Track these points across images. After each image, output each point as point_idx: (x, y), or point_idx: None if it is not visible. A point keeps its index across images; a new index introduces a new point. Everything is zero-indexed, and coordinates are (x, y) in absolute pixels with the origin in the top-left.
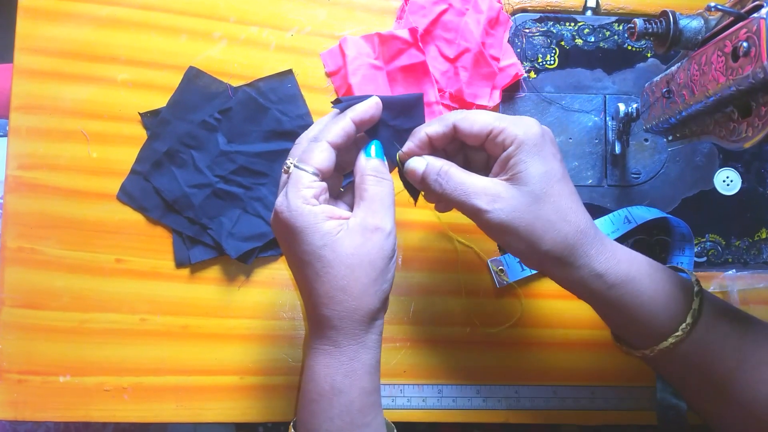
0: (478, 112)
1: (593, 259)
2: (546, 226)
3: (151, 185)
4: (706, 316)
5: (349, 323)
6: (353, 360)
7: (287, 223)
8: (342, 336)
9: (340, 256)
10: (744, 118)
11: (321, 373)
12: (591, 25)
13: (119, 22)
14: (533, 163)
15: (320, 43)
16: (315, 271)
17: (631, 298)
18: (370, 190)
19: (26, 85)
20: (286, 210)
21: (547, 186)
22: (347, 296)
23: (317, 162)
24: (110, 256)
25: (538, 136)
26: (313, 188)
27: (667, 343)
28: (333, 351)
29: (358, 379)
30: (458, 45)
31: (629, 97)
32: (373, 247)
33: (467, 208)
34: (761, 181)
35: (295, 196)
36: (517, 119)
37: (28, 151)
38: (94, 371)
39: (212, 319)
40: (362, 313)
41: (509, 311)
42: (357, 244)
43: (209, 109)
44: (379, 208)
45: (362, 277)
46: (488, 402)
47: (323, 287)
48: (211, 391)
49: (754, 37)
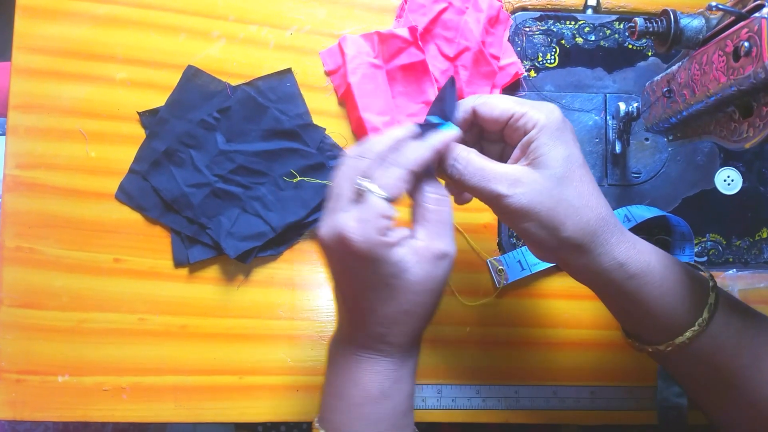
0: (498, 97)
1: (614, 247)
2: (568, 211)
3: (149, 184)
4: (721, 311)
5: (406, 340)
6: (402, 368)
7: (360, 252)
8: (396, 349)
9: (410, 284)
10: (745, 119)
11: (368, 378)
12: (591, 24)
13: (117, 20)
14: (555, 146)
15: (319, 42)
16: (380, 298)
17: (650, 289)
18: (435, 212)
19: (24, 84)
20: (360, 239)
21: (569, 170)
22: (412, 319)
23: (395, 191)
24: (109, 256)
25: (560, 121)
26: (387, 220)
27: (684, 337)
28: (382, 360)
29: (405, 384)
30: (458, 44)
31: (630, 96)
32: (442, 274)
33: (486, 194)
34: (762, 181)
35: (372, 227)
36: (537, 104)
37: (27, 150)
38: (93, 371)
39: (211, 318)
40: (421, 331)
41: (508, 310)
42: (426, 272)
43: (208, 108)
44: (443, 230)
45: (429, 303)
46: (488, 402)
47: (387, 310)
48: (210, 391)
49: (756, 36)
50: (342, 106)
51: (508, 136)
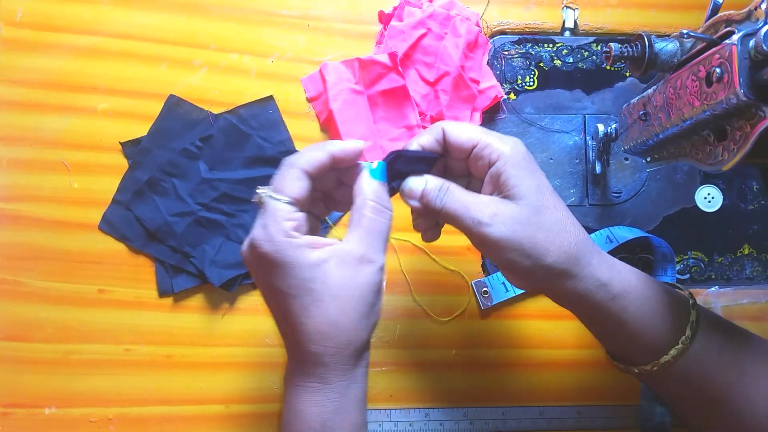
0: (465, 124)
1: (596, 268)
2: (549, 237)
3: (132, 214)
4: (703, 329)
5: (339, 359)
6: (343, 396)
7: (269, 257)
8: (332, 373)
9: (331, 289)
10: (720, 142)
11: (309, 411)
12: (569, 46)
13: (99, 51)
14: (525, 177)
15: (301, 69)
16: (303, 306)
17: (633, 309)
18: (370, 220)
19: (6, 117)
20: (266, 243)
21: (543, 198)
22: (339, 331)
23: (293, 191)
24: (93, 287)
25: (525, 152)
26: (293, 221)
27: (668, 356)
28: (321, 388)
29: (349, 415)
30: (438, 68)
31: (608, 117)
32: (365, 280)
33: (467, 224)
34: (742, 198)
35: (275, 230)
36: (501, 136)
37: (10, 182)
38: (80, 402)
39: (196, 347)
40: (353, 347)
41: (493, 332)
42: (348, 277)
43: (190, 137)
44: (375, 240)
45: (353, 312)
46: (475, 425)
47: (312, 322)
48: (197, 420)
49: (727, 63)
50: (324, 132)
51: (473, 166)
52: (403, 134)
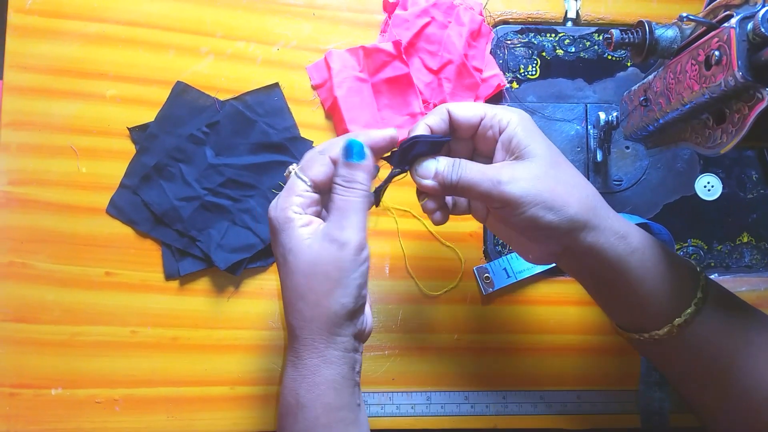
0: (467, 102)
1: (613, 220)
2: (567, 189)
3: (140, 199)
4: (712, 294)
5: (307, 333)
6: (315, 374)
7: (272, 223)
8: (302, 347)
9: (300, 264)
10: (718, 125)
11: (288, 386)
12: (571, 36)
13: (107, 38)
14: (536, 138)
15: (306, 57)
16: (283, 275)
17: (651, 265)
18: (337, 200)
19: (16, 102)
20: (273, 210)
21: (555, 155)
22: (304, 305)
23: (314, 174)
24: (100, 270)
25: (530, 119)
26: (303, 198)
27: (682, 318)
28: (297, 363)
29: (321, 395)
30: (441, 57)
31: (610, 106)
32: (328, 258)
33: (486, 187)
34: (742, 187)
35: (285, 200)
36: (504, 107)
37: (19, 166)
38: (86, 384)
39: (202, 330)
40: (318, 324)
41: (495, 317)
42: (314, 253)
43: (197, 123)
44: (346, 219)
45: (316, 287)
46: (476, 408)
47: (287, 292)
48: (202, 402)
49: (725, 45)
50: (329, 119)
51: (481, 140)
52: (406, 121)
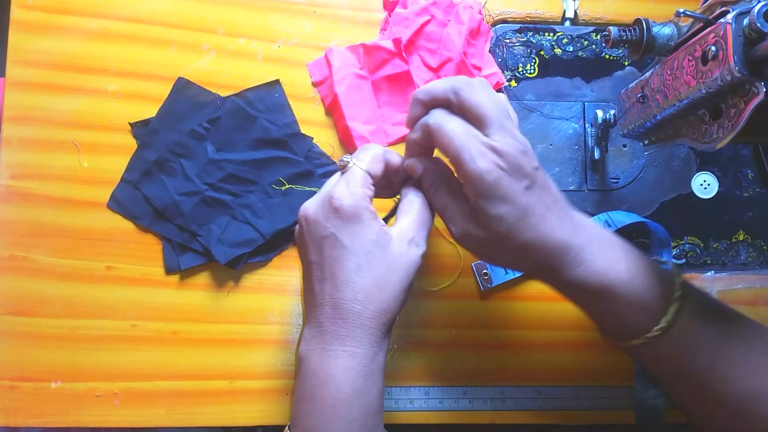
0: (448, 134)
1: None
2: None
3: (141, 193)
4: (688, 308)
5: (376, 323)
6: (372, 362)
7: (347, 211)
8: (368, 336)
9: (386, 257)
10: (715, 120)
11: (342, 376)
12: (569, 35)
13: (109, 34)
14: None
15: (306, 54)
16: (358, 264)
17: (627, 279)
18: (419, 211)
19: (18, 97)
20: (348, 198)
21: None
22: (382, 295)
23: (371, 167)
24: (101, 264)
25: (492, 174)
26: (369, 189)
27: (653, 333)
28: (356, 352)
29: (377, 382)
30: (441, 55)
31: (607, 104)
32: (411, 258)
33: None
34: (738, 185)
35: (357, 189)
36: (477, 152)
37: (20, 161)
38: (86, 377)
39: (202, 324)
40: (389, 315)
41: (493, 313)
42: (400, 252)
43: (198, 119)
44: (422, 228)
45: (397, 282)
46: (474, 403)
47: (362, 281)
48: (201, 396)
49: (722, 41)
50: (329, 115)
51: None
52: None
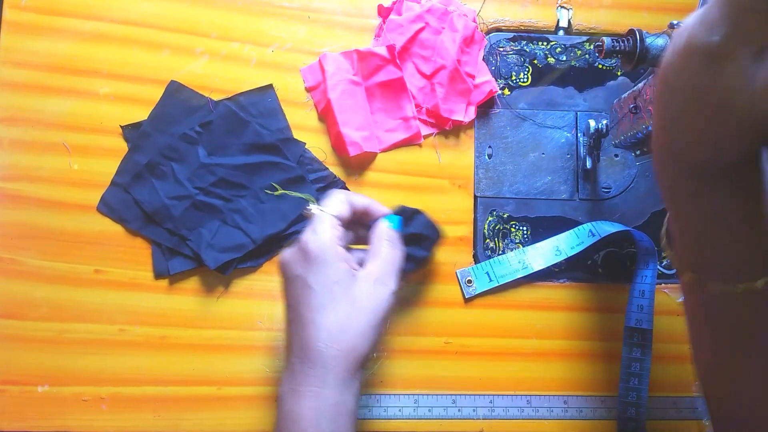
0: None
1: None
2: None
3: (131, 197)
4: None
5: (341, 363)
6: (339, 404)
7: (312, 254)
8: (332, 377)
9: (349, 297)
10: None
11: (307, 417)
12: (563, 45)
13: (102, 36)
14: None
15: (300, 59)
16: (321, 304)
17: None
18: (387, 252)
19: (9, 98)
20: (314, 242)
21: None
22: (346, 335)
23: (337, 210)
24: (89, 267)
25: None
26: (337, 231)
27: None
28: (320, 393)
29: (343, 425)
30: (434, 62)
31: (600, 114)
32: (378, 298)
33: None
34: None
35: (324, 232)
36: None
37: (10, 162)
38: (73, 381)
39: (190, 329)
40: (355, 355)
41: (482, 322)
42: (365, 291)
43: (190, 123)
44: (390, 268)
45: (363, 321)
46: (463, 411)
47: (325, 321)
48: (189, 402)
49: None
50: (322, 121)
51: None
52: (399, 125)
